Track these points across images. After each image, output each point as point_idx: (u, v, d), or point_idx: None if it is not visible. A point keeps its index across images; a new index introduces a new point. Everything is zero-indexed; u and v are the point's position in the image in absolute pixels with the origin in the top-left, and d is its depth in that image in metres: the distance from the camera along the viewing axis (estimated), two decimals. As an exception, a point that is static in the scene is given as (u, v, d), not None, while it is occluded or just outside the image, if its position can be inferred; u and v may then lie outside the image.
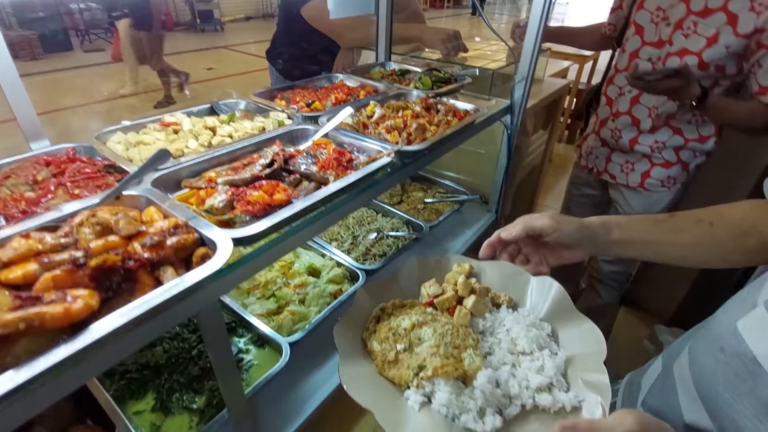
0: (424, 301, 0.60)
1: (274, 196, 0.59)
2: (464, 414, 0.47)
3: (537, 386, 0.49)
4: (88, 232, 0.46)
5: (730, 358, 0.48)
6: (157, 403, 0.73)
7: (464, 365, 0.50)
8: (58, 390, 0.39)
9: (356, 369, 0.51)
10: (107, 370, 0.76)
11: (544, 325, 0.58)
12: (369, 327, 0.57)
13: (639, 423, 0.41)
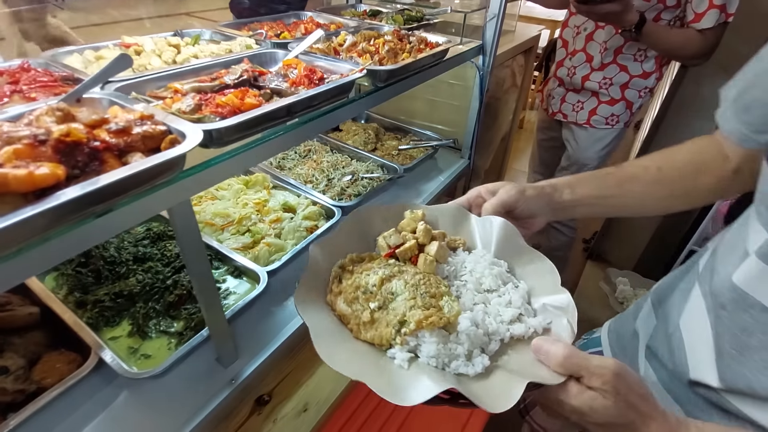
0: (384, 252, 0.57)
1: (245, 100, 0.57)
2: (454, 361, 0.46)
3: (510, 319, 0.51)
4: (49, 120, 0.44)
5: (733, 314, 0.48)
6: (134, 329, 0.72)
7: (445, 313, 0.49)
8: (29, 264, 0.38)
9: (332, 339, 0.47)
10: (79, 300, 0.75)
11: (501, 262, 0.58)
12: (332, 289, 0.53)
13: (622, 366, 0.42)
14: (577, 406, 0.42)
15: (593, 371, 0.41)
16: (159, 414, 0.64)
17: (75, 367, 0.66)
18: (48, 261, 0.39)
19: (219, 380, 0.68)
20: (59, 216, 0.37)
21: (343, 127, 1.43)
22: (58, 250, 0.39)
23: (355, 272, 0.53)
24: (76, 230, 0.39)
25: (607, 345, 0.81)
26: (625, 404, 0.41)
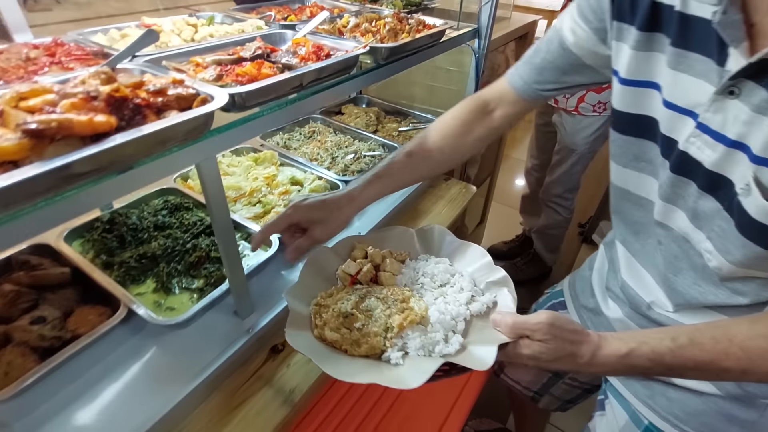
0: (347, 282, 0.66)
1: (262, 71, 0.64)
2: (436, 346, 0.56)
3: (466, 301, 0.62)
4: (95, 82, 0.50)
5: (666, 246, 0.60)
6: (158, 285, 0.79)
7: (417, 311, 0.59)
8: (87, 200, 0.44)
9: (335, 362, 0.54)
10: (106, 262, 0.81)
11: (444, 259, 0.70)
12: (317, 324, 0.59)
13: (553, 315, 0.53)
14: (530, 354, 0.53)
15: (533, 328, 0.53)
16: (183, 359, 0.71)
17: (105, 319, 0.72)
18: (103, 199, 0.45)
19: (237, 330, 0.75)
20: (111, 160, 0.44)
21: (345, 110, 1.49)
22: (111, 190, 0.45)
23: (330, 305, 0.61)
24: (125, 174, 0.46)
25: (568, 295, 0.93)
26: (562, 341, 0.53)
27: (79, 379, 0.67)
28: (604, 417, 0.77)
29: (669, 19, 0.53)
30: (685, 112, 0.53)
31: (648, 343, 0.53)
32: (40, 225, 0.40)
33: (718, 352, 0.50)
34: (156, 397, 0.65)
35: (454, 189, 1.26)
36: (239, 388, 0.72)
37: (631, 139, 0.62)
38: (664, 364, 0.52)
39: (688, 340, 0.52)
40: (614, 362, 0.53)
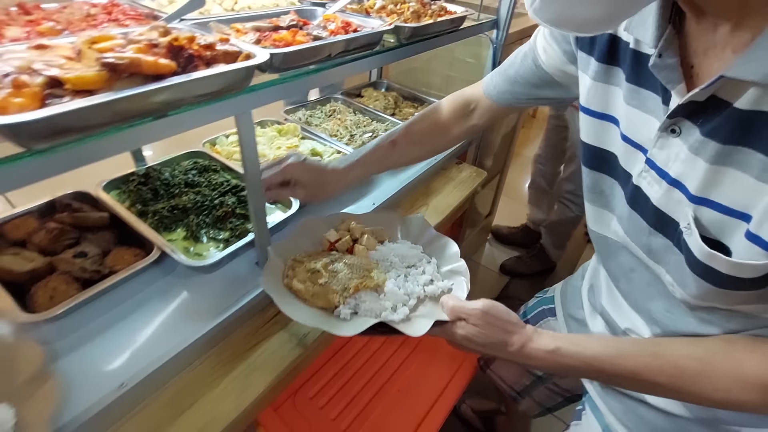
0: (326, 248, 0.76)
1: (296, 38, 0.70)
2: (384, 311, 0.65)
3: (424, 283, 0.71)
4: (153, 35, 0.57)
5: (639, 273, 0.61)
6: (188, 234, 0.86)
7: (374, 280, 0.69)
8: (147, 133, 0.50)
9: (294, 306, 0.65)
10: (140, 211, 0.89)
11: (418, 247, 0.79)
12: (288, 274, 0.70)
13: (489, 304, 0.60)
14: (463, 335, 0.60)
15: (469, 313, 0.60)
16: (207, 300, 0.78)
17: (139, 260, 0.79)
18: (157, 135, 0.52)
19: (257, 279, 0.82)
20: (167, 100, 0.50)
21: (365, 93, 1.55)
22: (164, 128, 0.52)
23: (305, 262, 0.71)
24: (175, 116, 0.52)
25: (558, 302, 0.94)
26: (493, 328, 0.59)
27: (114, 310, 0.74)
28: (579, 426, 0.78)
29: (624, 55, 0.54)
30: (637, 146, 0.54)
31: (578, 345, 0.57)
32: (116, 146, 0.47)
33: (639, 362, 0.53)
34: (181, 330, 0.72)
35: (465, 173, 1.31)
36: (258, 330, 0.78)
37: (596, 174, 0.63)
38: (588, 365, 0.56)
39: (614, 351, 0.55)
40: (542, 356, 0.58)
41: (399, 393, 1.22)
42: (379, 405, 1.18)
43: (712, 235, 0.46)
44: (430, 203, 1.17)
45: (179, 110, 0.52)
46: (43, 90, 0.44)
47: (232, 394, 0.69)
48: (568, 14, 0.40)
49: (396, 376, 1.25)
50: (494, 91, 0.80)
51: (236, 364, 0.73)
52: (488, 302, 0.60)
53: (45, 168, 0.44)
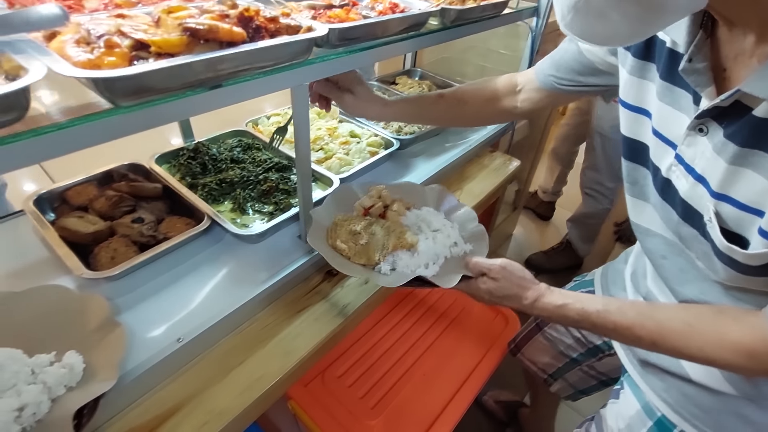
0: (360, 212, 0.81)
1: (349, 15, 0.72)
2: (418, 268, 0.72)
3: (449, 245, 0.77)
4: (224, 7, 0.60)
5: (672, 261, 0.64)
6: (235, 206, 0.90)
7: (409, 240, 0.75)
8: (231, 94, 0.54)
9: (340, 261, 0.72)
10: (190, 184, 0.93)
11: (441, 213, 0.86)
12: (332, 235, 0.76)
13: (507, 261, 0.68)
14: (485, 288, 0.67)
15: (489, 267, 0.68)
16: (254, 268, 0.82)
17: (191, 228, 0.84)
18: (223, 101, 0.55)
19: (300, 251, 0.85)
20: (235, 69, 0.53)
21: (400, 81, 1.57)
22: (230, 94, 0.55)
23: (344, 225, 0.77)
24: (241, 84, 0.55)
25: (598, 284, 0.94)
26: (510, 283, 0.66)
27: (169, 272, 0.79)
28: (616, 405, 0.78)
29: (660, 52, 0.56)
30: (667, 142, 0.57)
31: (582, 302, 0.62)
32: (190, 108, 0.50)
33: (636, 323, 0.58)
34: (230, 295, 0.76)
35: (498, 160, 1.32)
36: (301, 298, 0.82)
37: (632, 166, 0.66)
38: (590, 321, 0.61)
39: (616, 308, 0.60)
40: (551, 309, 0.64)
41: (425, 377, 1.24)
42: (405, 387, 1.20)
43: (731, 228, 0.50)
44: (464, 188, 1.18)
45: (245, 78, 0.55)
46: (130, 51, 0.48)
47: (278, 355, 0.73)
48: (596, 31, 0.44)
49: (422, 360, 1.27)
50: (541, 74, 0.81)
51: (282, 328, 0.76)
52: (507, 260, 0.68)
53: (129, 123, 0.47)
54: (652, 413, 0.70)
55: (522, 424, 1.54)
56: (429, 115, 0.92)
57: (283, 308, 0.80)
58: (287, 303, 0.81)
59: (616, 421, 0.76)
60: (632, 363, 0.76)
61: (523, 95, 0.85)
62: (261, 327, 0.76)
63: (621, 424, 0.75)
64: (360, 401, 1.17)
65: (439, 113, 0.90)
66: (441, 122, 0.98)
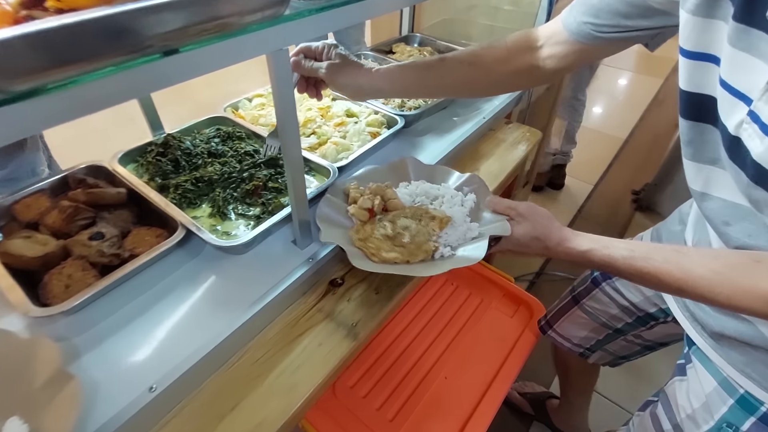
0: (364, 217, 0.72)
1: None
2: (467, 233, 0.70)
3: (461, 203, 0.75)
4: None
5: (737, 228, 0.57)
6: (214, 210, 0.75)
7: (443, 215, 0.72)
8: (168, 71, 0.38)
9: (410, 269, 0.65)
10: (161, 185, 0.78)
11: (421, 181, 0.80)
12: (372, 252, 0.67)
13: (529, 205, 0.67)
14: (515, 238, 0.65)
15: (515, 204, 0.68)
16: (241, 285, 0.67)
17: (162, 240, 0.69)
18: (169, 77, 0.40)
19: (296, 260, 0.71)
20: (182, 28, 0.37)
21: (397, 49, 1.39)
22: (179, 67, 0.39)
23: (369, 236, 0.69)
24: (193, 50, 0.39)
25: None
26: (536, 223, 0.65)
27: (137, 299, 0.65)
28: (685, 382, 0.70)
29: None
30: (739, 95, 0.47)
31: (609, 248, 0.59)
32: (119, 91, 0.35)
33: (662, 270, 0.54)
34: (215, 321, 0.62)
35: (517, 132, 1.15)
36: (299, 319, 0.68)
37: (694, 126, 0.57)
38: (615, 267, 0.58)
39: (643, 255, 0.56)
40: (576, 254, 0.61)
41: (447, 381, 1.12)
42: (426, 393, 1.09)
43: None
44: (480, 167, 1.02)
45: (200, 43, 0.39)
46: (17, 11, 0.32)
47: (278, 394, 0.59)
48: None
49: (442, 361, 1.15)
50: (573, 23, 0.65)
51: (279, 359, 0.63)
52: (528, 203, 0.67)
53: (26, 120, 0.32)
54: (732, 390, 0.62)
55: (551, 416, 1.44)
56: (429, 82, 0.76)
57: (279, 334, 0.66)
58: (284, 327, 0.67)
59: (689, 399, 0.67)
60: (702, 336, 0.67)
61: (547, 51, 0.70)
62: (254, 360, 0.63)
63: (696, 403, 0.66)
64: (377, 413, 1.05)
65: (441, 79, 0.75)
66: (444, 91, 0.82)
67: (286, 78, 0.52)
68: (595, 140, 2.95)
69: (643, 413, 0.78)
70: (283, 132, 0.57)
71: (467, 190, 0.77)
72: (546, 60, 0.70)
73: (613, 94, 3.65)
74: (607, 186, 2.54)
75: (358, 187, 0.77)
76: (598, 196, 2.45)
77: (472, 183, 0.78)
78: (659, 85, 3.62)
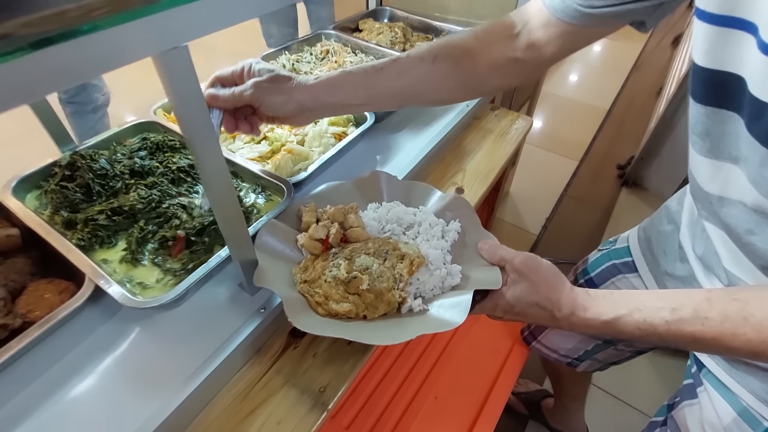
0: (317, 250, 0.58)
1: None
2: (445, 280, 0.55)
3: (441, 235, 0.61)
4: None
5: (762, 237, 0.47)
6: (127, 254, 0.58)
7: (417, 252, 0.56)
8: None
9: (368, 330, 0.50)
10: (68, 220, 0.61)
11: (395, 203, 0.65)
12: (317, 302, 0.53)
13: (529, 257, 0.52)
14: (507, 302, 0.51)
15: (507, 258, 0.53)
16: (175, 351, 0.53)
17: (68, 297, 0.54)
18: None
19: (245, 310, 0.56)
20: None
21: (364, 26, 1.21)
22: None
23: (317, 278, 0.54)
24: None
25: (639, 255, 0.74)
26: (532, 287, 0.50)
27: (36, 382, 0.50)
28: (695, 408, 0.61)
29: None
30: None
31: (642, 310, 0.46)
32: None
33: (724, 330, 0.42)
34: (140, 404, 0.48)
35: (505, 121, 1.01)
36: (252, 388, 0.54)
37: (712, 112, 0.46)
38: (656, 335, 0.46)
39: (691, 313, 0.44)
40: (598, 326, 0.48)
41: (437, 401, 1.02)
42: (414, 417, 0.99)
43: None
44: (466, 168, 0.88)
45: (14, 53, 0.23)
46: None
47: (225, 499, 0.46)
48: None
49: (429, 382, 1.06)
50: (555, 0, 0.52)
51: (226, 449, 0.49)
52: (529, 254, 0.53)
53: None
54: (755, 423, 0.54)
55: (547, 416, 1.37)
56: (379, 84, 0.58)
57: (226, 413, 0.52)
58: (232, 401, 0.53)
59: (703, 430, 0.59)
60: (713, 358, 0.59)
61: (525, 38, 0.55)
62: (192, 454, 0.49)
63: None
64: (363, 445, 0.94)
65: (396, 79, 0.58)
66: (401, 96, 0.60)
67: (189, 89, 0.35)
68: (575, 111, 2.84)
69: None
70: (201, 163, 0.41)
71: (450, 216, 0.63)
72: (526, 50, 0.56)
73: (588, 61, 3.51)
74: (592, 161, 2.45)
75: (315, 208, 0.62)
76: (583, 173, 2.36)
77: (457, 207, 0.64)
78: (636, 51, 3.51)
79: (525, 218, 2.04)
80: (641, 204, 2.20)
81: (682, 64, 2.20)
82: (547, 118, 2.77)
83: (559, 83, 3.11)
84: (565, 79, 3.19)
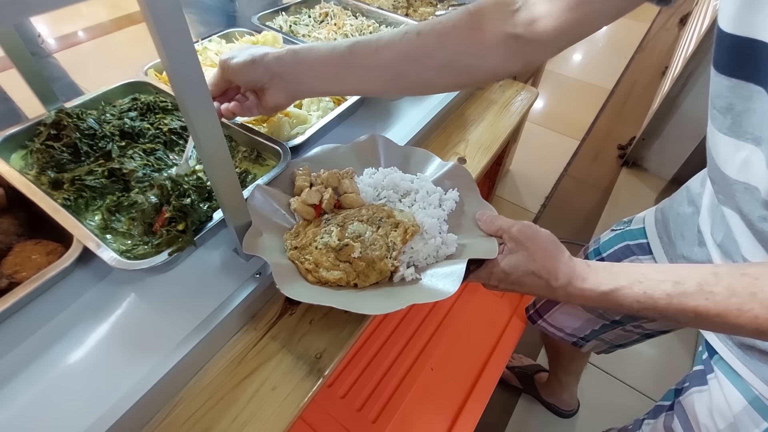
0: (310, 216, 0.56)
1: None
2: (439, 250, 0.54)
3: (438, 203, 0.59)
4: None
5: None
6: (102, 221, 0.56)
7: (411, 222, 0.54)
8: None
9: (358, 299, 0.49)
10: (55, 180, 0.59)
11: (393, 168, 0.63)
12: (307, 269, 0.51)
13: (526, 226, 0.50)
14: (502, 270, 0.49)
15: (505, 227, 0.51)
16: (168, 314, 0.51)
17: (55, 258, 0.52)
18: None
19: (240, 275, 0.55)
20: None
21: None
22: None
23: (308, 245, 0.52)
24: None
25: (655, 237, 0.71)
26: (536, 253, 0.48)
27: (24, 343, 0.48)
28: (705, 395, 0.60)
29: None
30: None
31: (643, 282, 0.44)
32: None
33: (730, 305, 0.39)
34: (131, 369, 0.47)
35: (509, 91, 0.98)
36: (247, 353, 0.53)
37: (737, 85, 0.42)
38: (656, 309, 0.43)
39: (695, 287, 0.41)
40: (596, 297, 0.46)
41: (433, 373, 1.02)
42: (410, 389, 1.00)
43: None
44: (469, 138, 0.86)
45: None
46: None
47: (219, 462, 0.45)
48: None
49: (426, 353, 1.06)
50: None
51: (220, 413, 0.48)
52: (528, 222, 0.51)
53: None
54: (767, 411, 0.52)
55: (539, 390, 1.38)
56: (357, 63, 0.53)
57: (220, 377, 0.51)
58: (227, 366, 0.52)
59: (712, 418, 0.58)
60: (726, 345, 0.57)
61: (526, 14, 0.48)
62: (186, 417, 0.48)
63: (721, 423, 0.56)
64: (358, 415, 0.96)
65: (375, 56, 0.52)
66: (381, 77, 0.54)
67: (181, 38, 0.33)
68: (578, 90, 2.79)
69: (654, 422, 0.68)
70: (192, 122, 0.38)
71: (449, 185, 0.61)
72: (527, 26, 0.48)
73: (592, 39, 3.44)
74: (593, 141, 2.42)
75: (309, 172, 0.60)
76: (584, 152, 2.33)
77: (456, 176, 0.62)
78: (642, 30, 3.43)
79: (524, 196, 2.03)
80: (640, 184, 2.19)
81: (688, 44, 2.14)
82: (549, 96, 2.73)
83: (562, 62, 3.04)
84: (568, 58, 3.12)
